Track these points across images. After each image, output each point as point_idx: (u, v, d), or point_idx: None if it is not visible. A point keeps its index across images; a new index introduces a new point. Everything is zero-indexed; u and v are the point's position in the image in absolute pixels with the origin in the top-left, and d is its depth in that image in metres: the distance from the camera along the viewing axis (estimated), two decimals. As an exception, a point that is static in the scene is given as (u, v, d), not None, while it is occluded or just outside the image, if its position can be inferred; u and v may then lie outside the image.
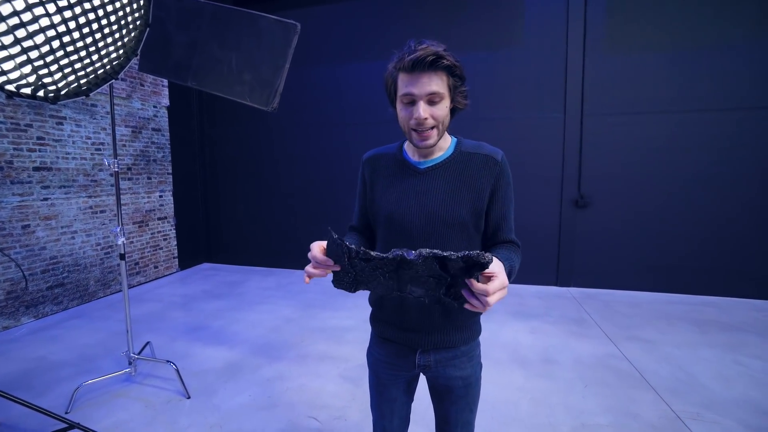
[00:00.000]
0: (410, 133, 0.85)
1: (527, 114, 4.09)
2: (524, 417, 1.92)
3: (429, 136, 0.84)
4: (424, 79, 0.79)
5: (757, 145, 3.56)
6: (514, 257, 0.84)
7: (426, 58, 0.76)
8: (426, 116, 0.80)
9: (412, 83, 0.79)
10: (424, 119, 0.80)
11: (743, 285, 3.67)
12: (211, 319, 3.28)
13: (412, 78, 0.79)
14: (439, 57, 0.77)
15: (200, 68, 2.05)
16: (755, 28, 3.49)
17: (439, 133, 0.85)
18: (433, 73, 0.79)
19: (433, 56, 0.76)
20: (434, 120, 0.82)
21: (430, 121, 0.82)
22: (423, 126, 0.82)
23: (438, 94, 0.80)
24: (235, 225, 5.24)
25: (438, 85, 0.79)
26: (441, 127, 0.84)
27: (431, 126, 0.83)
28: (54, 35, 1.44)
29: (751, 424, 1.84)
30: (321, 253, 0.74)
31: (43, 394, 2.14)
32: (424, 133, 0.83)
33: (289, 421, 1.91)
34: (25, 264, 3.20)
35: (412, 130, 0.84)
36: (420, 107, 0.80)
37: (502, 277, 0.66)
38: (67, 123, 3.54)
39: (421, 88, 0.79)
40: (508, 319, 3.21)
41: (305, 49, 4.53)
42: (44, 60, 1.46)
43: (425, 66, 0.77)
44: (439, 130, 0.84)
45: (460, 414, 0.96)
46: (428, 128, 0.83)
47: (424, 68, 0.77)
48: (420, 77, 0.79)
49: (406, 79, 0.80)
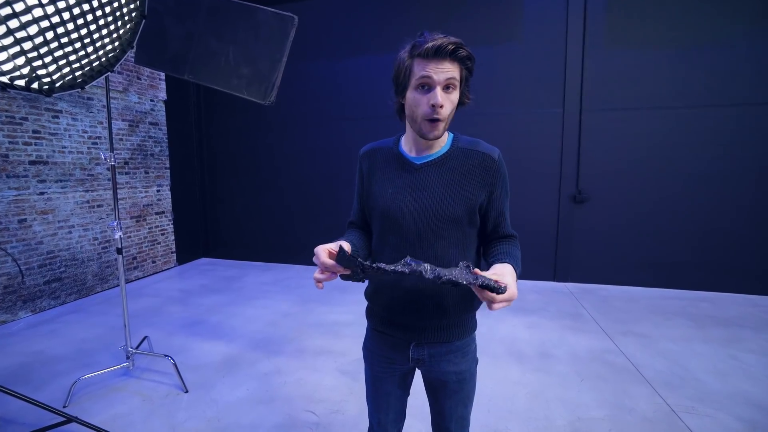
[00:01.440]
0: (421, 122, 0.83)
1: (526, 109, 4.08)
2: (521, 411, 1.94)
3: (438, 126, 0.83)
4: (445, 65, 0.79)
5: (754, 141, 3.56)
6: (518, 254, 0.87)
7: (448, 45, 0.77)
8: (443, 103, 0.80)
9: (432, 68, 0.79)
10: (441, 106, 0.80)
11: (738, 280, 3.69)
12: (209, 314, 3.28)
13: (430, 63, 0.79)
14: (460, 46, 0.78)
15: (197, 61, 2.03)
16: (755, 24, 3.48)
17: (446, 125, 0.85)
18: (452, 62, 0.79)
19: (455, 45, 0.77)
20: (450, 104, 0.82)
21: (445, 110, 0.81)
22: (438, 114, 0.81)
23: (454, 82, 0.80)
24: (233, 220, 5.23)
25: (455, 73, 0.80)
26: (449, 119, 0.85)
27: (446, 115, 0.82)
28: (48, 26, 1.42)
29: (745, 417, 1.86)
30: (328, 257, 0.75)
31: (41, 388, 2.14)
32: (435, 123, 0.82)
33: (287, 415, 1.92)
34: (22, 258, 3.18)
35: (424, 119, 0.83)
36: (438, 93, 0.79)
37: (512, 290, 0.69)
38: (63, 116, 3.51)
39: (440, 74, 0.79)
40: (506, 313, 3.23)
41: (303, 43, 4.49)
42: (38, 51, 1.44)
43: (446, 53, 0.78)
44: (446, 121, 0.84)
45: (454, 408, 0.97)
46: (442, 117, 0.82)
47: (445, 56, 0.78)
48: (440, 63, 0.79)
49: (424, 63, 0.79)
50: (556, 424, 1.83)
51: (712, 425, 1.80)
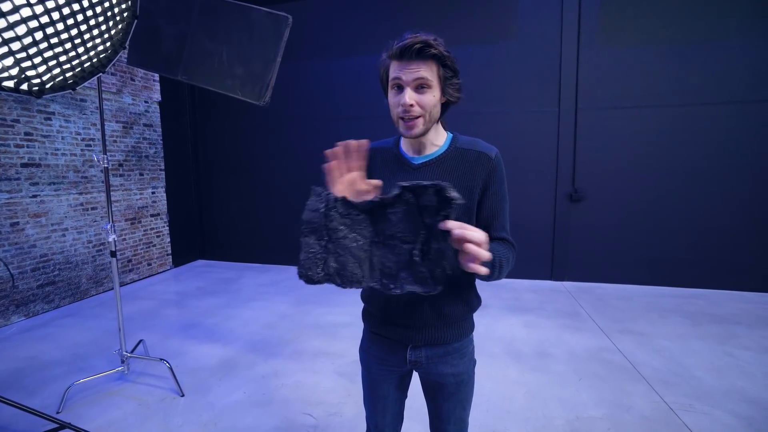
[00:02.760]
0: (398, 122, 0.85)
1: (521, 108, 4.08)
2: (519, 410, 1.93)
3: (415, 125, 0.83)
4: (413, 66, 0.79)
5: (749, 138, 3.58)
6: (503, 250, 0.83)
7: (414, 45, 0.77)
8: (412, 102, 0.80)
9: (401, 69, 0.80)
10: (410, 105, 0.80)
11: (733, 277, 3.71)
12: (205, 317, 3.26)
13: (401, 65, 0.80)
14: (428, 45, 0.78)
15: (190, 61, 2.01)
16: (748, 22, 3.50)
17: (426, 123, 0.84)
18: (422, 62, 0.79)
19: (421, 44, 0.77)
20: (421, 108, 0.81)
21: (417, 109, 0.81)
22: (409, 113, 0.81)
23: (425, 82, 0.80)
24: (229, 221, 5.19)
25: (426, 73, 0.80)
26: (428, 117, 0.83)
27: (417, 114, 0.82)
28: (37, 26, 1.40)
29: (742, 414, 1.86)
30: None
31: (34, 394, 2.11)
32: (409, 122, 0.82)
33: (285, 418, 1.90)
34: (15, 262, 3.14)
35: (399, 119, 0.84)
36: (406, 94, 0.80)
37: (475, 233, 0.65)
38: (55, 118, 3.47)
39: (408, 75, 0.80)
40: (503, 313, 3.23)
41: (298, 42, 4.48)
42: (27, 52, 1.42)
43: (413, 54, 0.78)
44: (425, 119, 0.83)
45: (452, 411, 0.96)
46: (414, 116, 0.82)
47: (412, 56, 0.78)
48: (408, 64, 0.80)
49: (396, 65, 0.81)
50: (555, 424, 1.82)
51: (710, 423, 1.81)
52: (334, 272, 0.68)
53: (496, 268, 0.78)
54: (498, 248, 0.81)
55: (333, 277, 0.68)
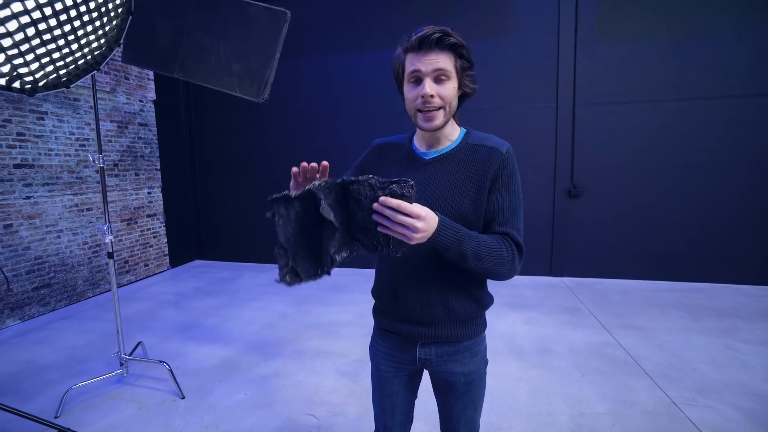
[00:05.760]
0: (416, 115, 0.83)
1: (519, 104, 4.07)
2: (523, 407, 1.93)
3: (435, 116, 0.81)
4: (431, 56, 0.78)
5: (746, 133, 3.60)
6: (487, 240, 0.79)
7: (433, 35, 0.77)
8: (432, 93, 0.79)
9: (419, 60, 0.79)
10: (431, 96, 0.79)
11: (731, 271, 3.74)
12: (204, 317, 3.23)
13: (418, 56, 0.79)
14: (446, 34, 0.77)
15: (187, 58, 1.97)
16: (745, 17, 3.51)
17: (446, 115, 0.82)
18: (440, 52, 0.78)
19: (440, 33, 0.77)
20: (441, 99, 0.80)
21: (437, 100, 0.80)
22: (429, 105, 0.80)
23: (445, 72, 0.79)
24: (226, 221, 5.15)
25: (444, 63, 0.79)
26: (448, 109, 0.82)
27: (438, 106, 0.80)
28: (28, 22, 1.36)
29: (744, 407, 1.87)
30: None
31: (31, 399, 2.08)
32: (429, 113, 0.81)
33: (287, 419, 1.88)
34: (9, 265, 3.09)
35: (417, 111, 0.82)
36: (426, 84, 0.79)
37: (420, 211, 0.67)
38: (48, 118, 3.41)
39: (427, 65, 0.78)
40: (504, 309, 3.22)
41: (296, 38, 4.43)
42: (18, 49, 1.38)
43: (432, 44, 0.77)
44: (446, 111, 0.82)
45: (463, 411, 0.94)
46: (435, 108, 0.80)
47: (431, 46, 0.77)
48: (427, 54, 0.78)
49: (413, 57, 0.80)
50: (559, 420, 1.82)
51: (712, 416, 1.81)
52: (298, 271, 0.72)
53: (469, 256, 0.75)
54: (481, 238, 0.78)
55: (298, 276, 0.72)
